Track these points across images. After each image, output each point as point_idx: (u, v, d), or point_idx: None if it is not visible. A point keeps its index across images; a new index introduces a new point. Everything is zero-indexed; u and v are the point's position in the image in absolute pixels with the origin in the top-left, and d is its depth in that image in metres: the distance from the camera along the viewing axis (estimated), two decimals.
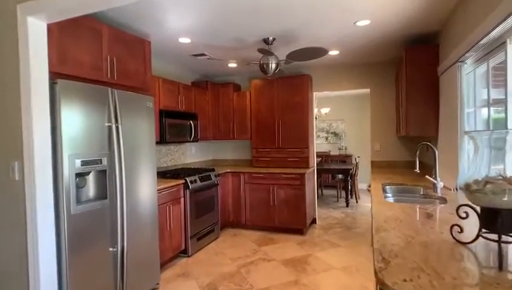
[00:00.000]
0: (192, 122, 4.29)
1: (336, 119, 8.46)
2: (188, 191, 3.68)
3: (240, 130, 5.07)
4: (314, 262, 3.46)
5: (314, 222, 4.98)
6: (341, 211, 5.79)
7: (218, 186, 4.40)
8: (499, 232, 1.11)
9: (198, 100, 4.69)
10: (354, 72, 4.78)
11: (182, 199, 3.63)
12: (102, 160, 2.34)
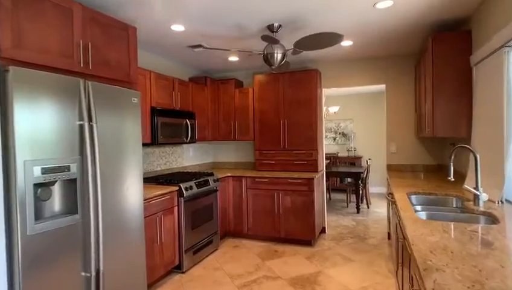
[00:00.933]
0: (188, 122, 3.87)
1: (345, 119, 8.00)
2: (183, 199, 3.26)
3: (242, 130, 4.63)
4: (326, 282, 3.01)
5: (323, 231, 4.53)
6: (351, 218, 5.33)
7: (218, 192, 3.97)
8: None
9: (196, 97, 4.26)
10: (367, 66, 4.33)
11: (175, 208, 3.21)
12: (71, 167, 1.92)
